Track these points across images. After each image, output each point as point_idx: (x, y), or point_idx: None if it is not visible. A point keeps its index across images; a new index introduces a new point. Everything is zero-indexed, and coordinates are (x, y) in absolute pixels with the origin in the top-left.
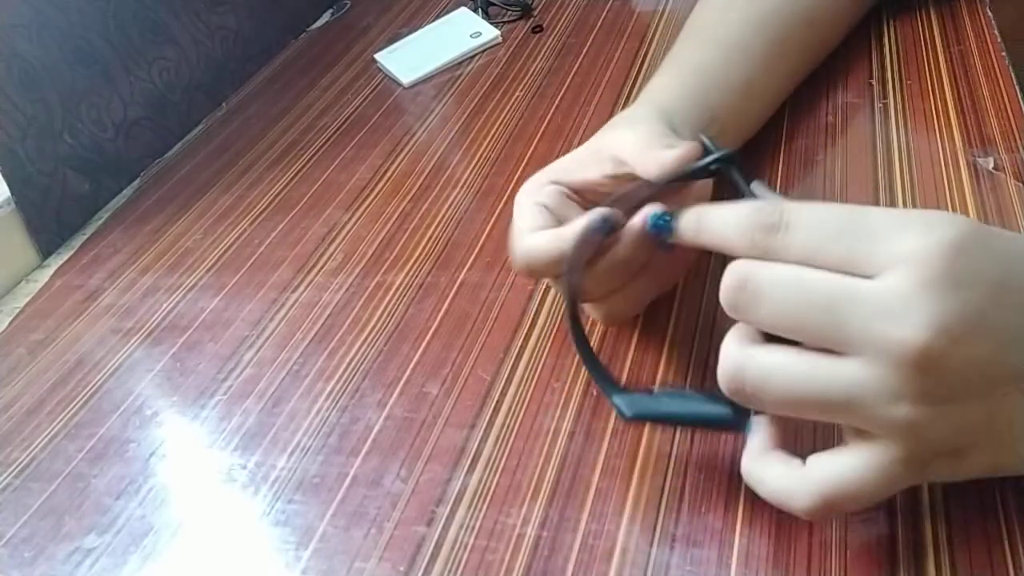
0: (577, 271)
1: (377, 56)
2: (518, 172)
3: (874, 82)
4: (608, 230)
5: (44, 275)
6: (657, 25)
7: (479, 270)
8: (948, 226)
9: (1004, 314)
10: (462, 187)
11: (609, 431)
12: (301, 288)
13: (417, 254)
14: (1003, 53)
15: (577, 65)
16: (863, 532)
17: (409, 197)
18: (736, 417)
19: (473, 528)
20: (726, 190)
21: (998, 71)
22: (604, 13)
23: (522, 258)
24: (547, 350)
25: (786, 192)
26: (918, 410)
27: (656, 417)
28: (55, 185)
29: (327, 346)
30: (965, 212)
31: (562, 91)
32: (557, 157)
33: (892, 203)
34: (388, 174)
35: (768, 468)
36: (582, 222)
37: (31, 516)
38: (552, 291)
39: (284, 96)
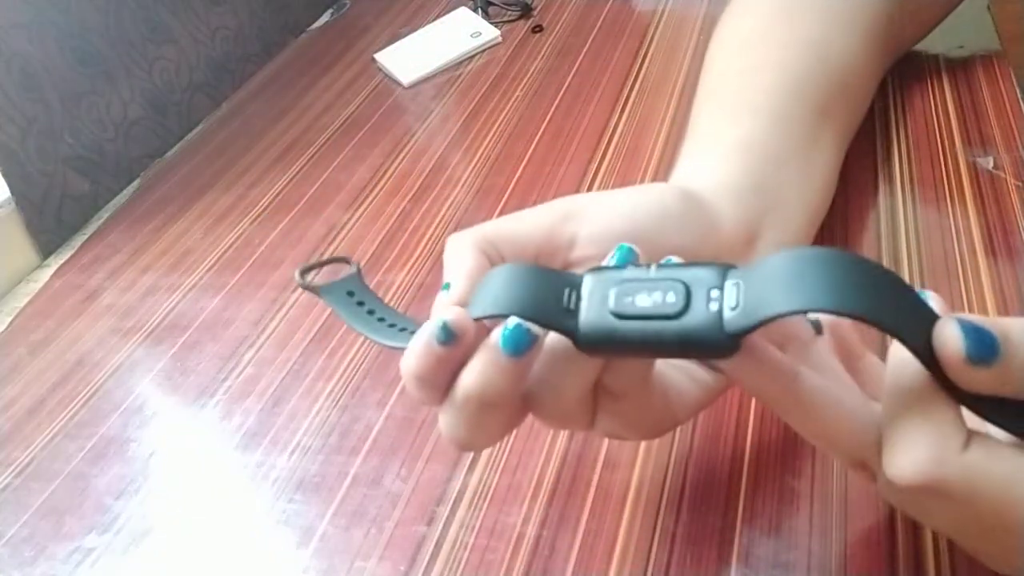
0: None
1: (377, 56)
2: (518, 172)
3: None
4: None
5: (44, 275)
6: (657, 25)
7: None
8: None
9: None
10: (462, 187)
11: None
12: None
13: (417, 254)
14: (1003, 53)
15: (577, 65)
16: (863, 532)
17: (409, 197)
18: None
19: (473, 527)
20: None
21: (998, 71)
22: (604, 13)
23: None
24: None
25: None
26: None
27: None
28: (55, 185)
29: (327, 346)
30: (964, 212)
31: (562, 91)
32: (556, 157)
33: (892, 203)
34: (388, 174)
35: None
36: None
37: (31, 515)
38: None
39: (284, 96)
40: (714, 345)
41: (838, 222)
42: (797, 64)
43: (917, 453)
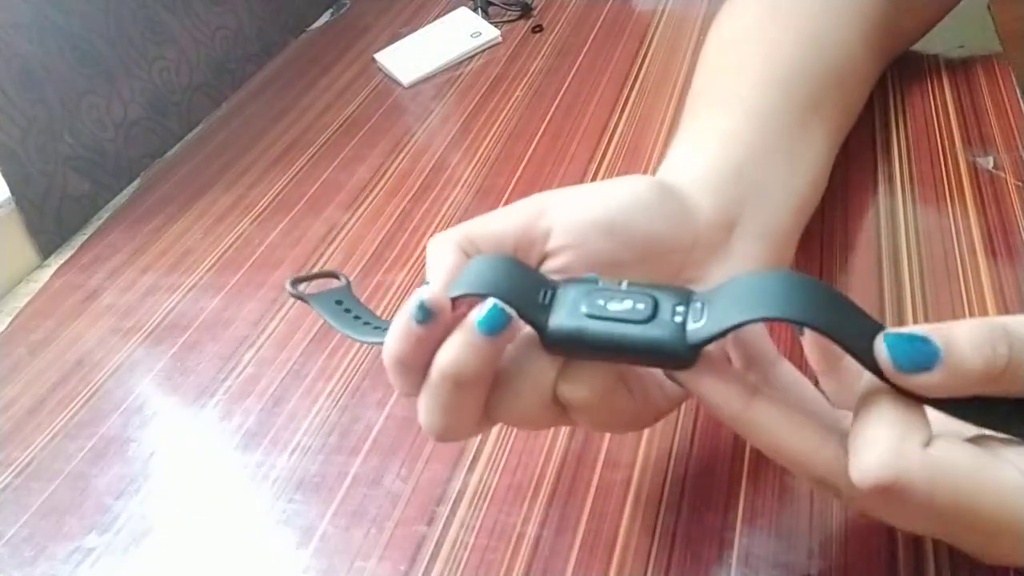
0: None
1: (377, 56)
2: (518, 172)
3: None
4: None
5: (44, 275)
6: (657, 25)
7: None
8: None
9: None
10: (462, 186)
11: None
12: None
13: (417, 254)
14: (1003, 53)
15: (577, 65)
16: (863, 531)
17: (409, 197)
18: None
19: (473, 527)
20: None
21: (998, 71)
22: (604, 13)
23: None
24: None
25: None
26: None
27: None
28: (55, 185)
29: (327, 345)
30: (964, 212)
31: (562, 91)
32: (556, 157)
33: (892, 202)
34: (388, 174)
35: None
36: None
37: (31, 515)
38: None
39: (284, 96)
40: (675, 352)
41: (838, 222)
42: (787, 59)
43: (877, 451)
